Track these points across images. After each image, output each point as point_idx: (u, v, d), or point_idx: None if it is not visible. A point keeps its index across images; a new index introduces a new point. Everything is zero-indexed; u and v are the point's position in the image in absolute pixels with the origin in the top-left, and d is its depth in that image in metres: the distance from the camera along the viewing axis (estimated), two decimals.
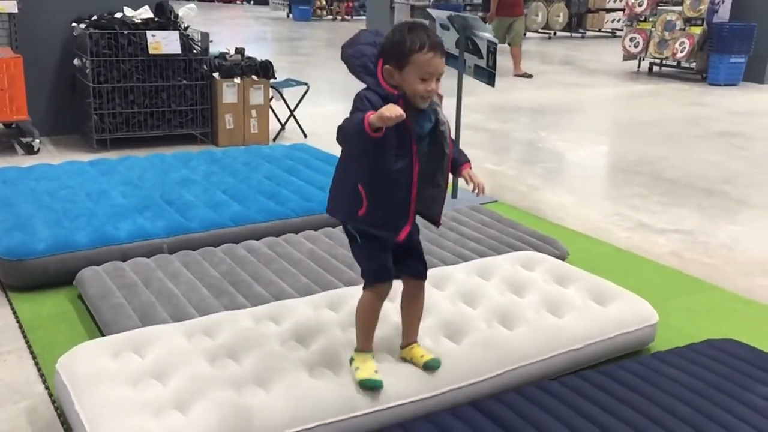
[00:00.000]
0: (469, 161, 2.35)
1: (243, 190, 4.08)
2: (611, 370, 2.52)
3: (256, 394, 2.17)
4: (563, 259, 3.53)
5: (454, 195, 4.73)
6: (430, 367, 2.36)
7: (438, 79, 2.09)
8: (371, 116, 1.95)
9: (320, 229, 3.67)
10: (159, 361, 2.29)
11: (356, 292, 2.77)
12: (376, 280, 2.27)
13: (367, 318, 2.32)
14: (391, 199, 2.14)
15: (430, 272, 3.00)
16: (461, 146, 4.72)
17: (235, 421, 2.04)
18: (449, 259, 3.34)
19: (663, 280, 3.62)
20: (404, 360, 2.40)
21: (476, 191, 2.26)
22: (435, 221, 2.33)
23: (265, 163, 4.66)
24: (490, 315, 2.70)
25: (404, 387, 2.29)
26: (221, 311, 2.74)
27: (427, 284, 2.89)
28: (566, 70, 11.24)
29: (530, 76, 10.40)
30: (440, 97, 2.17)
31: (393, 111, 1.93)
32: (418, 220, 2.28)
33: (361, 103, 2.08)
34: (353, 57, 2.16)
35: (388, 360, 2.40)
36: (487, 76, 4.44)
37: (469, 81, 4.67)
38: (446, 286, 2.91)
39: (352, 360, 2.33)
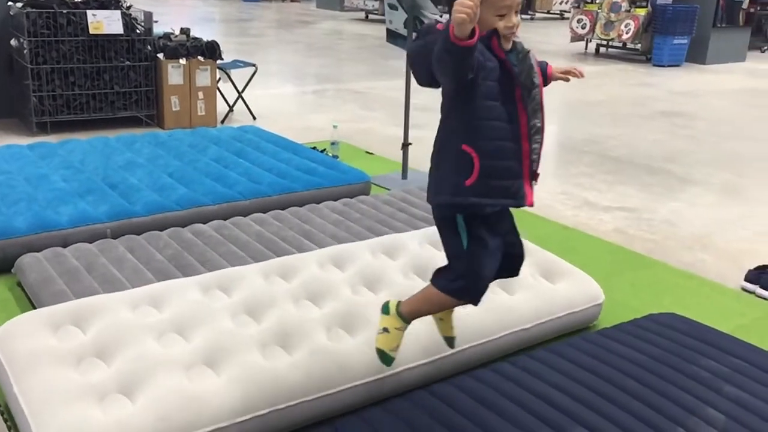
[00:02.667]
0: (547, 63, 2.05)
1: (189, 173, 4.00)
2: (560, 348, 2.56)
3: (206, 378, 2.13)
4: None
5: (404, 176, 4.73)
6: (448, 339, 2.24)
7: (517, 12, 1.83)
8: (453, 22, 1.62)
9: (269, 212, 3.62)
10: (102, 337, 2.22)
11: (309, 259, 2.77)
12: (471, 299, 1.96)
13: (433, 309, 2.08)
14: (505, 154, 1.83)
15: (384, 239, 3.02)
16: (411, 129, 4.78)
17: (184, 410, 2.00)
18: None
19: (608, 257, 3.69)
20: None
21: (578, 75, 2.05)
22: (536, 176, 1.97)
23: (212, 145, 4.57)
24: None
25: (360, 366, 2.28)
26: None
27: (380, 254, 2.90)
28: None
29: None
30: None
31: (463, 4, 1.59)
32: None
33: (427, 35, 1.79)
34: (429, 53, 1.79)
35: (346, 329, 2.39)
36: None
37: None
38: (399, 256, 2.91)
39: (386, 310, 2.10)
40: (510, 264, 2.07)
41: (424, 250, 2.98)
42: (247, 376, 2.14)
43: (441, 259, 2.86)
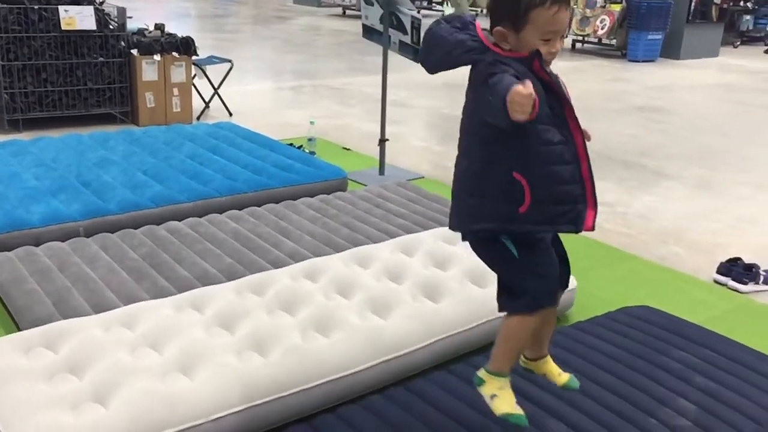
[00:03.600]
0: None
1: (164, 170, 3.96)
2: None
3: (179, 381, 2.11)
4: None
5: (381, 172, 4.73)
6: (570, 389, 2.03)
7: (562, 37, 1.73)
8: (509, 97, 1.50)
9: (245, 209, 3.60)
10: (74, 355, 2.18)
11: (282, 274, 2.76)
12: (546, 303, 1.83)
13: (521, 342, 1.88)
14: (562, 179, 1.70)
15: (355, 252, 3.01)
16: (388, 124, 4.78)
17: (158, 410, 1.98)
18: (375, 235, 3.34)
19: (583, 250, 3.72)
20: (529, 371, 2.07)
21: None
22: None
23: (187, 142, 4.54)
24: (416, 289, 2.71)
25: (337, 361, 2.28)
26: (142, 295, 2.66)
27: (351, 263, 2.90)
28: None
29: None
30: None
31: (524, 94, 1.47)
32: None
33: (496, 68, 1.66)
34: (448, 53, 1.73)
35: (321, 332, 2.38)
36: (412, 52, 4.44)
37: (397, 58, 4.65)
38: (371, 264, 2.90)
39: (480, 382, 1.91)
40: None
41: (395, 257, 2.97)
42: (222, 375, 2.13)
43: (411, 264, 2.89)
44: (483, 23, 1.74)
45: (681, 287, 3.37)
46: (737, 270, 3.38)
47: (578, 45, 11.80)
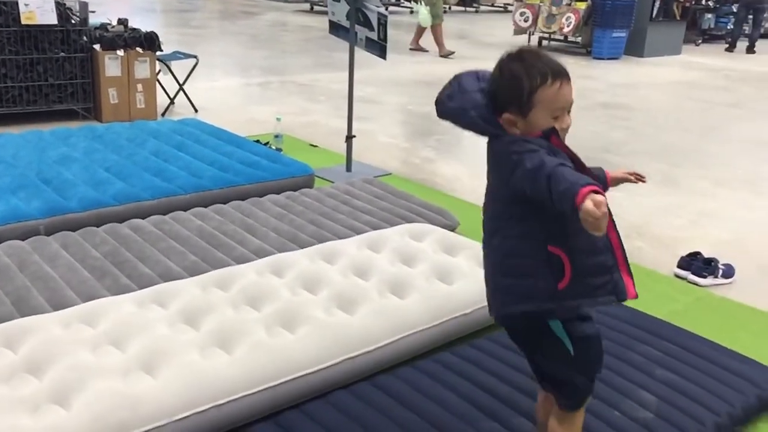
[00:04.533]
0: (602, 169, 1.87)
1: (127, 167, 3.90)
2: (500, 336, 2.59)
3: (143, 381, 2.08)
4: (453, 229, 3.60)
5: (348, 168, 4.73)
6: None
7: (569, 111, 1.68)
8: (587, 201, 1.41)
9: (210, 206, 3.56)
10: (34, 355, 2.13)
11: (247, 269, 2.74)
12: (592, 392, 1.77)
13: (578, 427, 1.82)
14: (597, 248, 1.64)
15: (321, 247, 3.00)
16: (355, 121, 4.77)
17: (120, 411, 1.95)
18: (342, 232, 3.33)
19: None
20: None
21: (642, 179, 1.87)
22: None
23: (151, 138, 4.48)
24: (382, 286, 2.71)
25: (303, 357, 2.27)
26: (103, 293, 2.62)
27: (318, 259, 2.89)
28: (461, 44, 11.40)
29: (452, 52, 10.22)
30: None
31: (599, 215, 1.40)
32: None
33: (520, 145, 1.61)
34: (466, 109, 1.70)
35: (287, 327, 2.37)
36: (379, 48, 4.44)
37: (365, 54, 4.64)
38: (337, 260, 2.90)
39: None
40: None
41: (362, 253, 2.97)
42: (186, 374, 2.10)
43: (377, 261, 2.88)
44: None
45: (643, 281, 3.41)
46: (697, 264, 3.45)
47: (545, 42, 11.91)
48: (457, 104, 1.72)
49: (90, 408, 1.94)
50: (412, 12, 15.95)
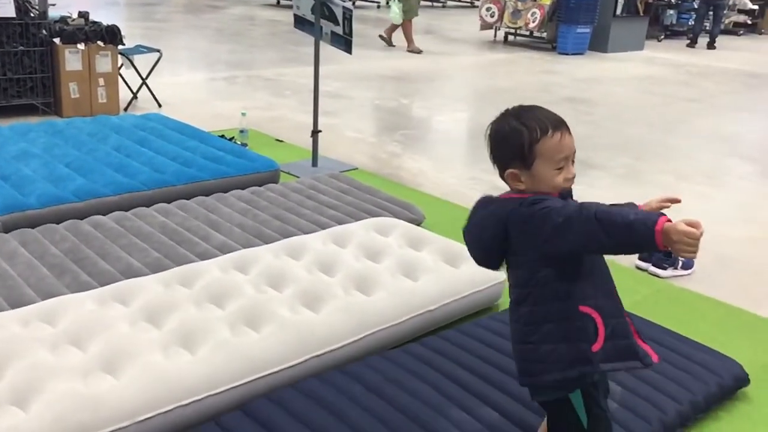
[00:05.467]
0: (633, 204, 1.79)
1: (88, 163, 3.83)
2: (468, 328, 2.61)
3: (104, 381, 2.04)
4: (419, 224, 3.61)
5: (314, 163, 4.70)
6: None
7: (573, 161, 1.67)
8: (664, 227, 1.41)
9: (173, 202, 3.52)
10: None
11: (211, 265, 2.71)
12: None
13: None
14: (619, 310, 1.64)
15: (286, 242, 2.99)
16: (321, 116, 4.74)
17: (80, 413, 1.91)
18: (307, 227, 3.32)
19: None
20: None
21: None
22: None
23: (113, 134, 4.40)
24: (348, 282, 2.71)
25: (268, 357, 2.25)
26: (63, 291, 2.57)
27: (284, 255, 2.88)
28: (428, 39, 11.42)
29: (420, 51, 10.19)
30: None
31: (694, 234, 1.40)
32: None
33: (545, 203, 1.58)
34: (485, 229, 1.69)
35: (251, 326, 2.35)
36: (344, 43, 4.42)
37: (332, 49, 4.62)
38: (303, 256, 2.88)
39: None
40: None
41: (327, 248, 2.96)
42: (148, 375, 2.07)
43: (343, 256, 2.86)
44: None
45: None
46: (657, 256, 3.51)
47: (510, 37, 11.99)
48: (485, 238, 1.70)
49: (49, 409, 1.90)
50: (379, 6, 15.93)
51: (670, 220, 1.43)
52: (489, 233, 1.67)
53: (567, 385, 1.65)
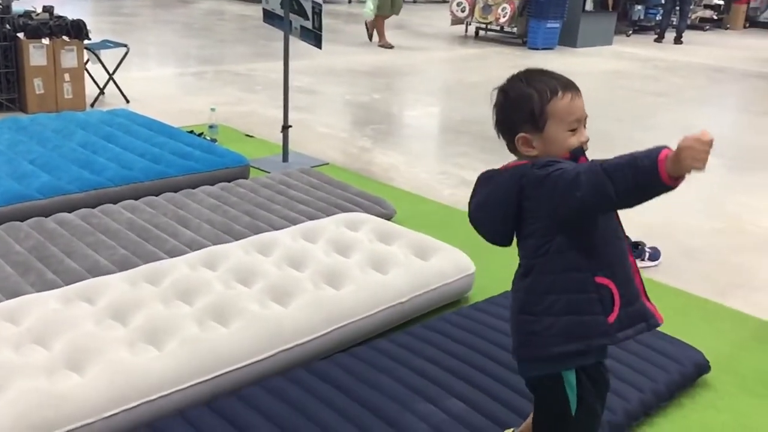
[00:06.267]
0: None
1: (54, 160, 3.78)
2: (436, 323, 2.63)
3: (69, 379, 2.02)
4: (390, 218, 3.62)
5: (285, 158, 4.69)
6: None
7: (585, 124, 1.62)
8: (669, 154, 1.35)
9: (141, 198, 3.49)
10: None
11: (179, 262, 2.69)
12: None
13: None
14: (631, 275, 1.60)
15: (256, 238, 2.97)
16: (292, 111, 4.72)
17: (45, 410, 1.89)
18: (277, 222, 3.31)
19: None
20: None
21: None
22: None
23: (79, 130, 4.34)
24: (317, 277, 2.71)
25: (236, 351, 2.24)
26: (27, 290, 2.54)
27: (253, 250, 2.86)
28: (399, 34, 11.42)
29: (391, 46, 10.19)
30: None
31: (705, 136, 1.34)
32: None
33: (557, 165, 1.52)
34: (498, 201, 1.62)
35: (219, 321, 2.34)
36: (314, 37, 4.40)
37: (304, 44, 4.59)
38: (272, 251, 2.87)
39: None
40: None
41: (297, 243, 2.95)
42: (114, 371, 2.05)
43: (313, 251, 2.86)
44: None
45: None
46: None
47: (481, 32, 12.04)
48: (491, 211, 1.65)
49: (13, 407, 1.88)
50: (350, 1, 15.89)
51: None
52: (502, 206, 1.60)
53: (564, 360, 1.58)
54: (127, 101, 6.01)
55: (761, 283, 3.51)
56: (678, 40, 13.07)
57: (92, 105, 5.82)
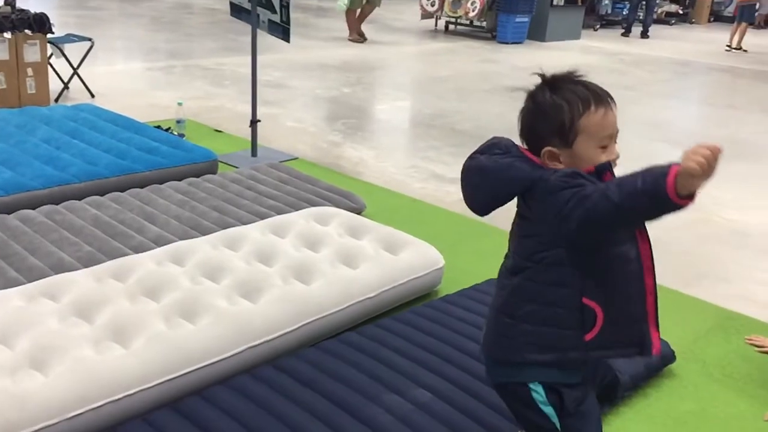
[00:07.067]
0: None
1: (16, 156, 3.70)
2: (405, 316, 2.63)
3: (32, 379, 1.98)
4: (360, 212, 3.61)
5: (254, 153, 4.65)
6: None
7: (616, 141, 1.51)
8: (679, 170, 1.26)
9: (106, 194, 3.43)
10: None
11: (145, 258, 2.65)
12: None
13: None
14: (631, 298, 1.50)
15: (224, 233, 2.95)
16: (261, 105, 4.68)
17: (7, 411, 1.85)
18: (246, 217, 3.28)
19: (453, 227, 3.83)
20: None
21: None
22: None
23: (42, 125, 4.26)
24: (286, 271, 2.69)
25: (203, 348, 2.22)
26: None
27: (221, 245, 2.84)
28: (370, 28, 11.38)
29: (363, 40, 10.16)
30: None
31: (710, 144, 1.25)
32: None
33: (578, 178, 1.43)
34: (500, 180, 1.55)
35: (187, 318, 2.32)
36: (282, 31, 4.37)
37: (273, 38, 4.56)
38: (241, 246, 2.85)
39: None
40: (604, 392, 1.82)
41: (266, 238, 2.93)
42: (78, 370, 2.02)
43: (282, 246, 2.84)
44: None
45: None
46: None
47: (451, 27, 12.07)
48: (488, 188, 1.57)
49: None
50: None
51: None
52: (506, 185, 1.53)
53: (533, 370, 1.53)
54: (93, 96, 5.92)
55: (725, 274, 3.58)
56: (644, 35, 13.25)
57: (56, 100, 5.71)
